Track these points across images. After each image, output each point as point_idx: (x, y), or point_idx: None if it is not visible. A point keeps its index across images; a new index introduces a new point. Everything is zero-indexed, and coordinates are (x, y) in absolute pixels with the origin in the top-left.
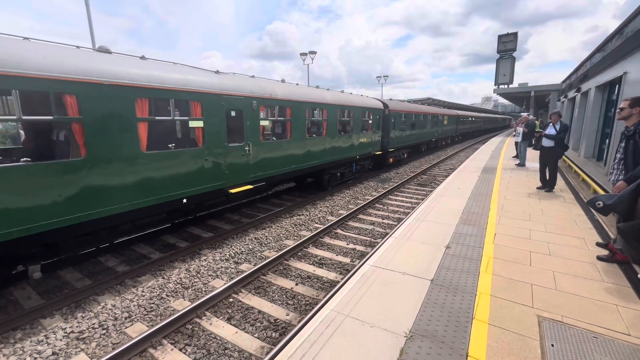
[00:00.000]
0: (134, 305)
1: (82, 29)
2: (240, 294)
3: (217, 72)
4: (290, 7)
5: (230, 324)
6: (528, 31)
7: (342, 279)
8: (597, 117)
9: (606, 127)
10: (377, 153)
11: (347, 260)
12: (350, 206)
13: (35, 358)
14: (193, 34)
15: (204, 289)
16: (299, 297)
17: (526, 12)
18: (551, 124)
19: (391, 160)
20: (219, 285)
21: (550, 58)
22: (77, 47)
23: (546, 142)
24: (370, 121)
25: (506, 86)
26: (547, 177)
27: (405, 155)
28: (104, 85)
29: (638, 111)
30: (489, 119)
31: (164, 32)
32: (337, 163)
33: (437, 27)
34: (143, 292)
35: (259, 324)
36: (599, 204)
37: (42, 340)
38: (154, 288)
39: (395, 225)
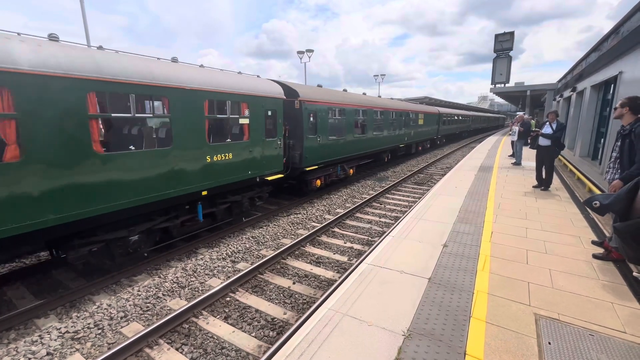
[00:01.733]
0: (129, 305)
1: (77, 26)
2: (237, 292)
3: None
4: (287, 5)
5: (227, 323)
6: (524, 31)
7: (339, 277)
8: (593, 116)
9: (601, 126)
10: (274, 177)
11: (344, 258)
12: (347, 205)
13: (30, 358)
14: (190, 32)
15: (200, 288)
16: (296, 295)
17: (521, 11)
18: (548, 123)
19: (318, 182)
20: (216, 284)
21: (545, 58)
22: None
23: (543, 141)
24: (246, 121)
25: (503, 85)
26: (543, 176)
27: (352, 171)
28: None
29: (627, 110)
30: (479, 118)
31: (160, 30)
32: (127, 215)
33: (434, 26)
34: (139, 291)
35: (256, 323)
36: (595, 204)
37: (37, 341)
38: (150, 287)
39: (393, 224)
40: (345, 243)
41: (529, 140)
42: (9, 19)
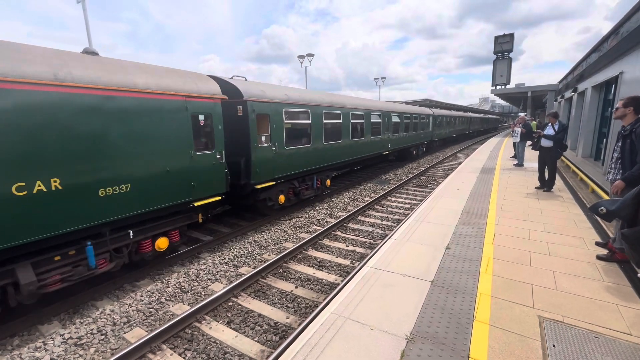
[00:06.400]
0: (132, 310)
1: (80, 34)
2: (239, 297)
3: None
4: (287, 10)
5: (230, 327)
6: (523, 33)
7: (342, 281)
8: (594, 117)
9: (603, 126)
10: None
11: (346, 262)
12: (349, 208)
13: None
14: (191, 38)
15: (203, 293)
16: (299, 300)
17: (519, 14)
18: (550, 124)
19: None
20: (219, 288)
21: (544, 59)
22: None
23: (545, 142)
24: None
25: (503, 87)
26: (546, 177)
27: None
28: None
29: (631, 110)
30: (453, 119)
31: (163, 36)
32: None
33: (432, 29)
34: (142, 296)
35: (259, 328)
36: (601, 210)
37: (40, 347)
38: (153, 292)
39: (395, 227)
40: (347, 246)
41: (528, 143)
42: (17, 29)
